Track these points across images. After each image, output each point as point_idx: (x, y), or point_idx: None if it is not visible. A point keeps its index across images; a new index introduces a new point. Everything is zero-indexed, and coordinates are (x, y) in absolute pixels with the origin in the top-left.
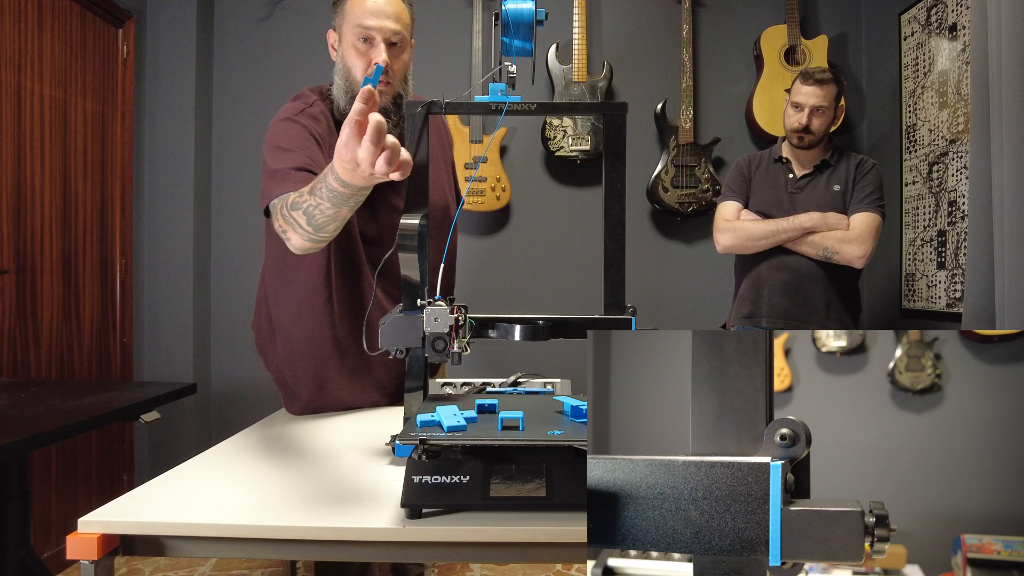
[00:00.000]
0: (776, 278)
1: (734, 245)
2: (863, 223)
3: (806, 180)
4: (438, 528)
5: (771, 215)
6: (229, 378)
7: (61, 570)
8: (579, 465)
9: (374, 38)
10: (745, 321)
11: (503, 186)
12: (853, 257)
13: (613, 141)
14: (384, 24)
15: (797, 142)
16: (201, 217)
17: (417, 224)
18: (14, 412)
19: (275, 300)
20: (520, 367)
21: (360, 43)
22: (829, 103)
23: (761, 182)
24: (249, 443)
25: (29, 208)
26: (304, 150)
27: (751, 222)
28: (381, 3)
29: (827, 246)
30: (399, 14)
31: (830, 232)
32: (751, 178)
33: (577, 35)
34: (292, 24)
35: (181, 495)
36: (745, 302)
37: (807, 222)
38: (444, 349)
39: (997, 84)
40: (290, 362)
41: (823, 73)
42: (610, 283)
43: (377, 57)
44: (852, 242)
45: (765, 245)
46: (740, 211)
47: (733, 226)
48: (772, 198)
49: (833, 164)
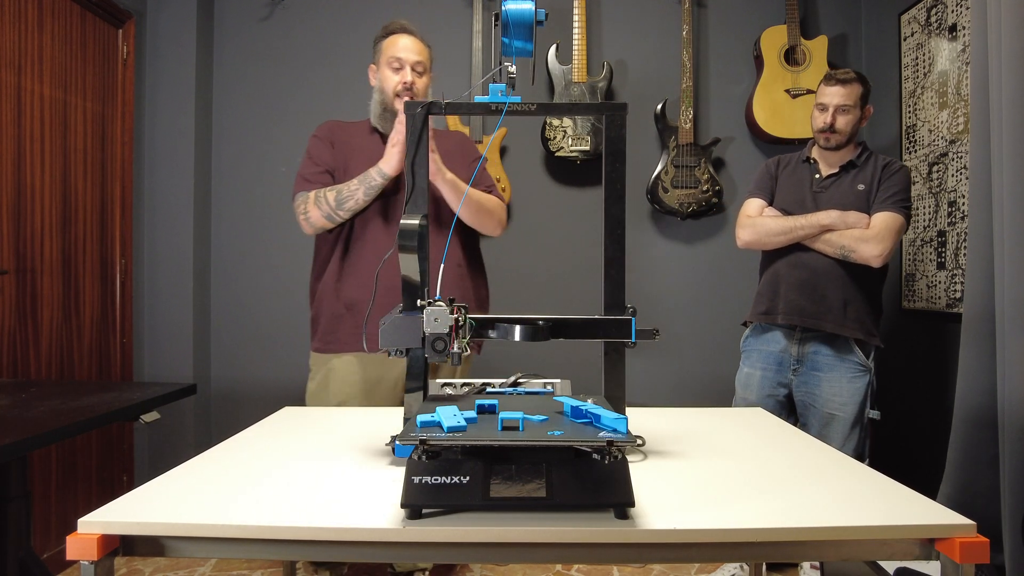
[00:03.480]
0: (793, 275)
1: (752, 241)
2: (883, 222)
3: (831, 180)
4: (438, 528)
5: (793, 213)
6: (229, 378)
7: (61, 570)
8: (579, 465)
9: (403, 65)
10: (762, 318)
11: (503, 186)
12: (870, 256)
13: (613, 141)
14: (410, 56)
15: (824, 142)
16: (201, 217)
17: (417, 224)
18: (14, 412)
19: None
20: (520, 367)
21: (392, 69)
22: (854, 102)
23: (787, 181)
24: (249, 443)
25: (29, 208)
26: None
27: (771, 218)
28: (408, 42)
29: (844, 244)
30: (421, 50)
31: (848, 230)
32: (777, 177)
33: (577, 35)
34: (292, 24)
35: (181, 495)
36: (763, 299)
37: (825, 219)
38: (444, 349)
39: (997, 84)
40: None
41: (846, 74)
42: (610, 283)
43: (404, 78)
44: (869, 241)
45: (783, 241)
46: (763, 208)
47: (753, 222)
48: (796, 196)
49: (860, 165)
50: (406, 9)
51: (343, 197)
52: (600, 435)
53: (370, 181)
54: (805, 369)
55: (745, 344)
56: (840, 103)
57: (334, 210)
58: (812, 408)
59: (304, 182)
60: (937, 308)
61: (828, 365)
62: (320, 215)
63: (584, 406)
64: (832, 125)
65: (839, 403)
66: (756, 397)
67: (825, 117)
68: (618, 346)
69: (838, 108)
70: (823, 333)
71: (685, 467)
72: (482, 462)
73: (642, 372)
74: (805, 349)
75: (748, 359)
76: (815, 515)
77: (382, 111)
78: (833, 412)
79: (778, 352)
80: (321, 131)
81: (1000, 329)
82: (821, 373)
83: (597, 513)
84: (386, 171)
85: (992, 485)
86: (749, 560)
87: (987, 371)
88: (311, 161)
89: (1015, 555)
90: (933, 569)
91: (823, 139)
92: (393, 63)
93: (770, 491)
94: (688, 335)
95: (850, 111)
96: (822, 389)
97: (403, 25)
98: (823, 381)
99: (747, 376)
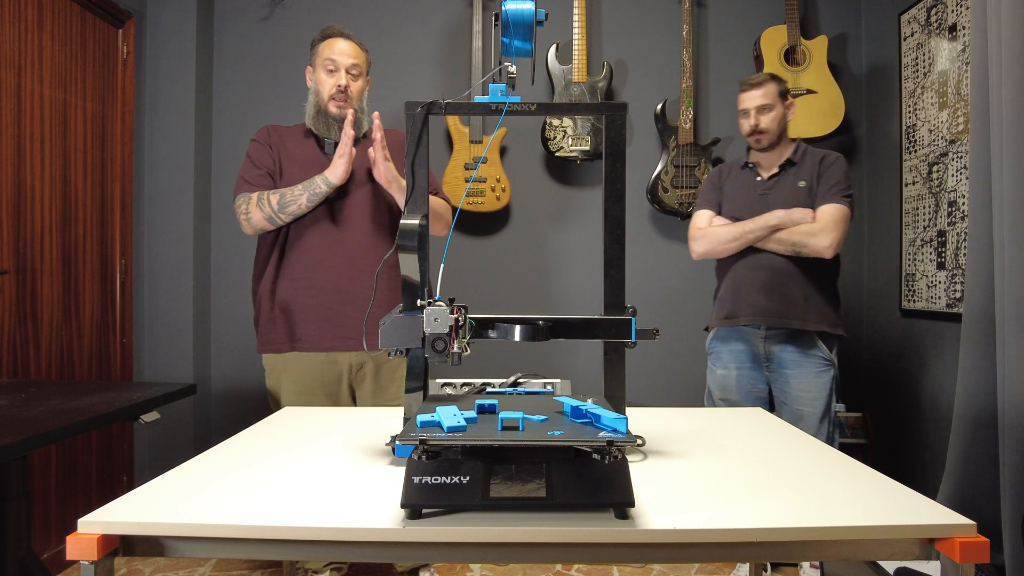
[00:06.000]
0: (753, 278)
1: (707, 251)
2: (828, 214)
3: (773, 181)
4: (438, 528)
5: (742, 218)
6: (229, 378)
7: (61, 570)
8: (579, 465)
9: (338, 68)
10: (725, 322)
11: (503, 186)
12: (821, 248)
13: (613, 141)
14: (345, 59)
15: (756, 144)
16: (201, 217)
17: (417, 224)
18: (14, 412)
19: None
20: (520, 367)
21: (327, 71)
22: (772, 100)
23: (731, 189)
24: (249, 443)
25: (29, 208)
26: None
27: (720, 227)
28: (344, 45)
29: (794, 241)
30: (356, 54)
31: (796, 227)
32: (722, 187)
33: (577, 35)
34: (292, 24)
35: (181, 495)
36: (724, 304)
37: (772, 220)
38: (444, 349)
39: (997, 84)
40: None
41: (757, 77)
42: (610, 283)
43: (339, 81)
44: (818, 234)
45: (736, 247)
46: (712, 218)
47: (704, 233)
48: (743, 202)
49: (798, 162)
50: (406, 9)
51: (286, 201)
52: (600, 435)
53: (315, 188)
54: (774, 367)
55: (712, 346)
56: (759, 104)
57: (276, 213)
58: (784, 405)
59: (245, 184)
60: (937, 308)
61: (794, 362)
62: (262, 216)
63: (584, 406)
64: (758, 126)
65: (808, 399)
66: (738, 397)
67: (749, 121)
68: (618, 346)
69: (759, 109)
70: (787, 331)
71: (685, 467)
72: (482, 462)
73: (642, 372)
74: (771, 348)
75: (719, 361)
76: (815, 515)
77: (316, 113)
78: (802, 408)
79: (749, 350)
80: (260, 135)
81: (1000, 329)
82: (788, 371)
83: (597, 513)
84: (332, 180)
85: (992, 485)
86: (749, 560)
87: (987, 371)
88: (252, 164)
89: (1015, 555)
90: (933, 569)
91: (754, 141)
92: (328, 65)
93: (770, 491)
94: (689, 335)
95: (772, 108)
96: (791, 386)
97: (340, 29)
98: (791, 378)
99: (723, 378)
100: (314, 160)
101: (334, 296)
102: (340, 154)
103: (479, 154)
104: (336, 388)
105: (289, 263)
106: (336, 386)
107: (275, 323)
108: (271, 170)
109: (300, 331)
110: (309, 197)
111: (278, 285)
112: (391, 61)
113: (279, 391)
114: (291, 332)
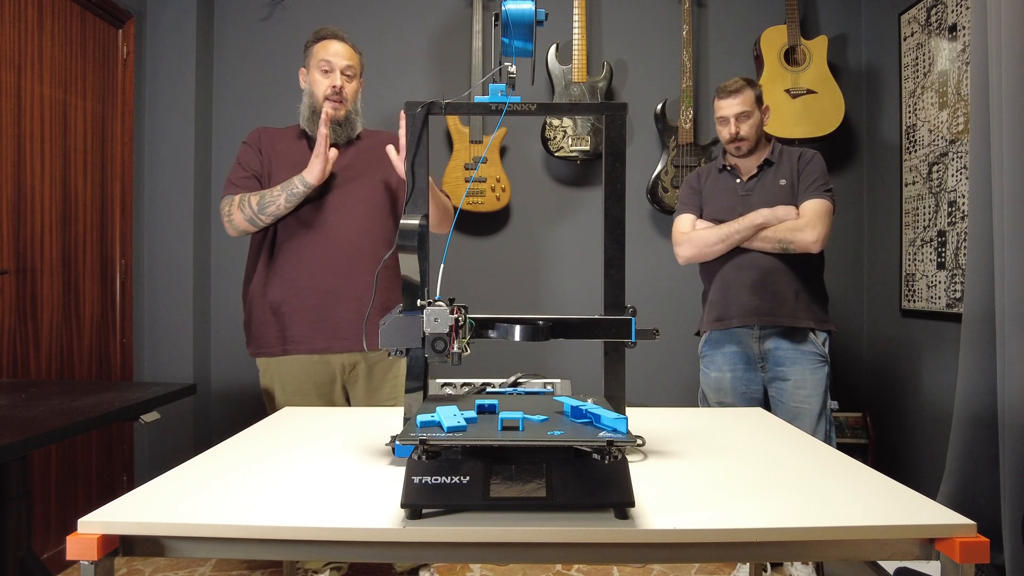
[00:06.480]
0: (742, 278)
1: (693, 255)
2: (812, 209)
3: (754, 181)
4: (438, 528)
5: (725, 220)
6: (229, 378)
7: (61, 570)
8: (579, 465)
9: (333, 69)
10: (717, 325)
11: (503, 186)
12: (808, 243)
13: (613, 141)
14: (339, 60)
15: (736, 152)
16: (201, 217)
17: (417, 224)
18: (14, 412)
19: None
20: (520, 367)
21: (322, 72)
22: (750, 107)
23: (712, 192)
24: (249, 443)
25: (29, 208)
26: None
27: (705, 230)
28: (339, 47)
29: (781, 238)
30: (351, 55)
31: (781, 224)
32: (701, 190)
33: (577, 35)
34: (292, 24)
35: (181, 495)
36: (715, 306)
37: (757, 219)
38: (444, 349)
39: (997, 84)
40: None
41: (734, 83)
42: (610, 283)
43: (334, 81)
44: (804, 229)
45: (722, 249)
46: (695, 222)
47: (689, 236)
48: (725, 204)
49: (776, 161)
50: (406, 9)
51: (265, 203)
52: (600, 435)
53: (292, 188)
54: (769, 366)
55: (704, 350)
56: (738, 111)
57: (256, 214)
58: (780, 404)
59: (231, 186)
60: (937, 308)
61: (790, 359)
62: (243, 218)
63: (584, 406)
64: (738, 133)
65: (804, 395)
66: (732, 399)
67: (729, 128)
68: (618, 346)
69: (738, 116)
70: (780, 328)
71: (685, 467)
72: (482, 462)
73: (642, 372)
74: (765, 347)
75: (712, 364)
76: (815, 515)
77: (310, 114)
78: (799, 405)
79: (743, 352)
80: (251, 138)
81: (1000, 329)
82: (784, 368)
83: (597, 513)
84: (309, 180)
85: (992, 485)
86: (749, 560)
87: (987, 371)
88: (239, 166)
89: (1015, 555)
90: (933, 569)
91: (734, 149)
92: (323, 66)
93: (770, 491)
94: (689, 335)
95: (750, 116)
96: (787, 384)
97: (334, 31)
98: (787, 375)
99: (717, 380)
100: (306, 161)
101: (326, 297)
102: (316, 154)
103: (479, 154)
104: (330, 389)
105: (280, 265)
106: (330, 387)
107: (267, 325)
108: (258, 172)
109: (292, 332)
110: (287, 197)
111: (269, 287)
112: (391, 61)
113: (273, 391)
114: (283, 334)
